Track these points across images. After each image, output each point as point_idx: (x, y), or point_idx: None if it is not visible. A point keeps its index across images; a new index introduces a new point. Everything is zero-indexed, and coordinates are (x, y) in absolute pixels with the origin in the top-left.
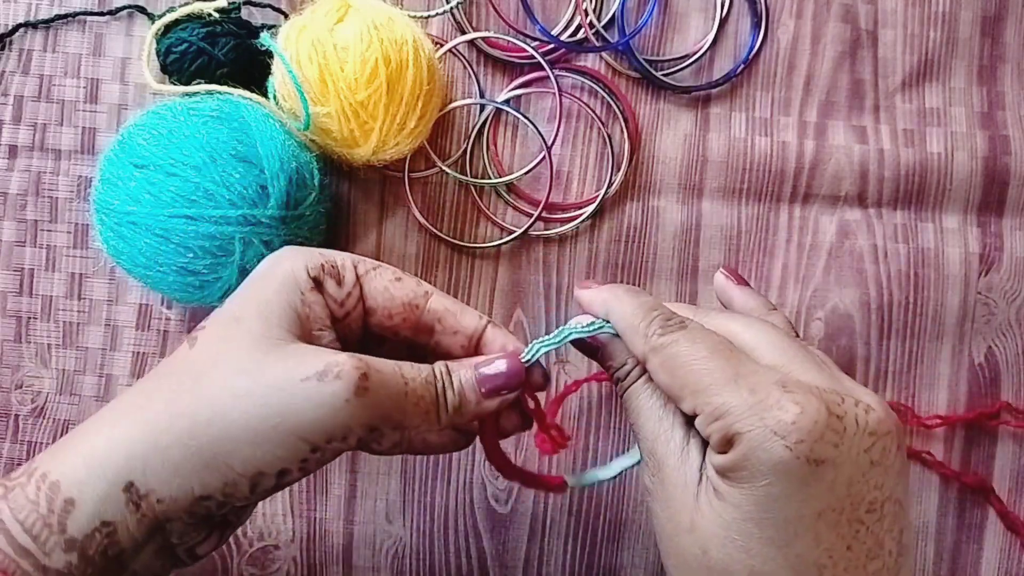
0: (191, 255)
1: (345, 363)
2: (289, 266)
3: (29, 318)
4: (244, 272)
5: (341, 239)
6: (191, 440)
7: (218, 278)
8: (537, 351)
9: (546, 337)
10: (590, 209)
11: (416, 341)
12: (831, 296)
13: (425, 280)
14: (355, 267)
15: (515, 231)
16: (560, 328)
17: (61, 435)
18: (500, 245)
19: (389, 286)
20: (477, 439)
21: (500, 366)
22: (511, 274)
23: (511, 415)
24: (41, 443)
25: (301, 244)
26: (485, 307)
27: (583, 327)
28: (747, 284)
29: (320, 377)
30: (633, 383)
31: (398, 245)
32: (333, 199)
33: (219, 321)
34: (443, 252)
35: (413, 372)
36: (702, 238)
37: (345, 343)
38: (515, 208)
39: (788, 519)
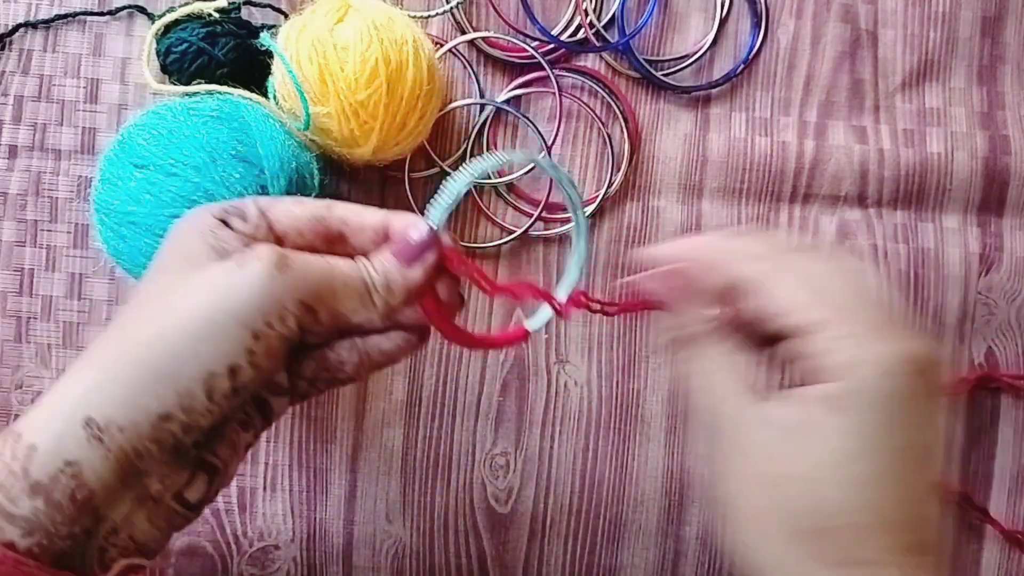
0: None
1: (262, 248)
2: (195, 218)
3: (29, 318)
4: None
5: None
6: (139, 359)
7: None
8: (441, 208)
9: (444, 187)
10: (590, 209)
11: (333, 253)
12: None
13: None
14: (255, 203)
15: (515, 231)
16: (457, 171)
17: None
18: (500, 245)
19: (291, 208)
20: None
21: (410, 235)
22: (511, 274)
23: (444, 286)
24: None
25: None
26: (485, 307)
27: (485, 163)
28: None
29: (240, 264)
30: (705, 338)
31: None
32: (333, 199)
33: (147, 270)
34: None
35: (337, 260)
36: None
37: None
38: (515, 208)
39: (904, 447)
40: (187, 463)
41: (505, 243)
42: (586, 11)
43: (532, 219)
